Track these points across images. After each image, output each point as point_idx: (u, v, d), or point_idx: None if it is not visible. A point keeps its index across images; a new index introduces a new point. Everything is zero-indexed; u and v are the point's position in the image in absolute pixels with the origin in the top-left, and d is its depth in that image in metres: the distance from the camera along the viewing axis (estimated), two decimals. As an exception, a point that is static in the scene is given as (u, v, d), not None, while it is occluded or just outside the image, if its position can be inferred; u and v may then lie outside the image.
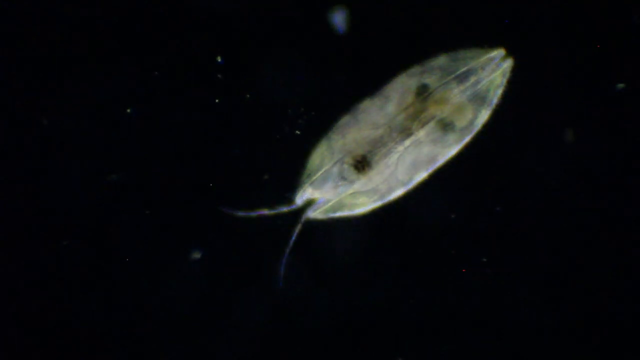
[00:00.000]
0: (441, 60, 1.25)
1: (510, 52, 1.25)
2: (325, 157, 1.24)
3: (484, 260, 1.33)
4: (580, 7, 1.33)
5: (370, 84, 1.27)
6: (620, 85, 1.32)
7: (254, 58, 1.33)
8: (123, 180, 1.32)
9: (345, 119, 1.25)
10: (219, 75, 1.32)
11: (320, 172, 1.24)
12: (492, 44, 1.25)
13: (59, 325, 1.33)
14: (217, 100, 1.32)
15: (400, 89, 1.23)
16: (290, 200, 1.26)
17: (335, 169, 1.23)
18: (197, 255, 1.32)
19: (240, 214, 1.25)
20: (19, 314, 1.33)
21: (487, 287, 1.33)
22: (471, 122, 1.23)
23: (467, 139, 1.24)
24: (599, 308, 1.33)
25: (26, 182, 1.32)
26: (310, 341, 1.34)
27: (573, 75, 1.33)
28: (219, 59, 1.32)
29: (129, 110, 1.31)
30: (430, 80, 1.23)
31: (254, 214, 1.25)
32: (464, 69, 1.23)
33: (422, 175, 1.24)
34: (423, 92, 1.22)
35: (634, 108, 1.32)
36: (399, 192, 1.24)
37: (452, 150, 1.23)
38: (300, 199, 1.25)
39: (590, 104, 1.33)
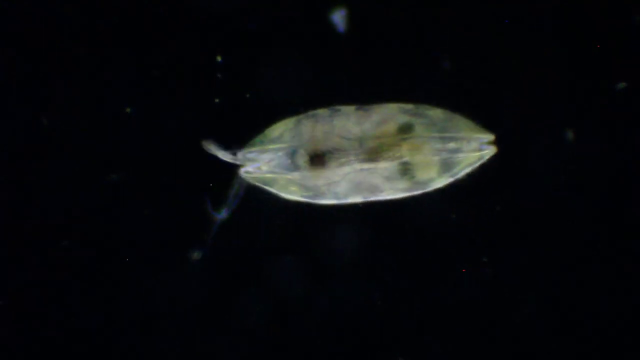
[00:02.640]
0: (438, 113, 1.25)
1: (498, 140, 1.26)
2: (286, 134, 1.24)
3: (484, 260, 1.33)
4: (580, 7, 1.33)
5: (369, 84, 1.27)
6: (622, 85, 1.32)
7: (253, 58, 1.33)
8: (123, 180, 1.32)
9: (323, 112, 1.25)
10: (219, 75, 1.32)
11: (276, 145, 1.24)
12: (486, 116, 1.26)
13: (59, 325, 1.33)
14: (216, 100, 1.32)
15: (387, 116, 1.24)
16: (234, 152, 1.25)
17: (291, 150, 1.23)
18: (197, 255, 1.32)
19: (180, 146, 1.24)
20: (19, 313, 1.33)
21: (487, 287, 1.33)
22: (428, 181, 1.24)
23: (415, 193, 1.24)
24: (599, 308, 1.33)
25: (26, 181, 1.32)
26: (309, 341, 1.34)
27: (573, 75, 1.33)
28: (219, 59, 1.32)
29: (128, 110, 1.31)
30: (418, 125, 1.23)
31: (197, 149, 1.24)
32: (452, 134, 1.24)
33: (356, 199, 1.24)
34: (406, 131, 1.23)
35: (634, 108, 1.32)
36: (328, 202, 1.24)
37: (395, 195, 1.24)
38: (242, 155, 1.25)
39: (590, 104, 1.33)
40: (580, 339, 1.34)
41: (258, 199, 1.27)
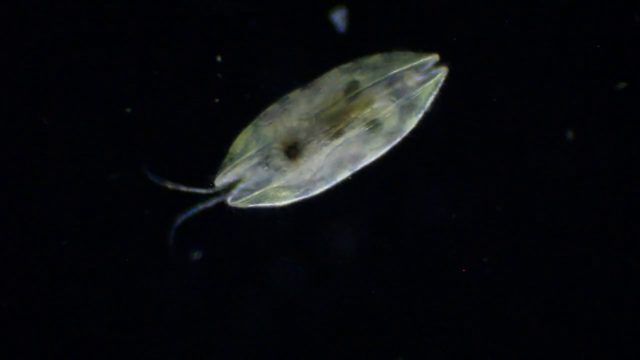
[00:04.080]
0: (375, 59, 1.24)
1: (445, 59, 1.24)
2: (250, 142, 1.23)
3: (485, 260, 1.33)
4: (580, 7, 1.33)
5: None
6: (622, 85, 1.32)
7: (253, 58, 1.33)
8: (123, 179, 1.32)
9: (273, 107, 1.24)
10: (219, 75, 1.32)
11: (244, 157, 1.23)
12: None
13: (58, 325, 1.33)
14: (217, 100, 1.32)
15: (331, 83, 1.23)
16: (210, 182, 1.24)
17: (261, 156, 1.23)
18: (197, 255, 1.32)
19: (155, 181, 1.23)
20: (19, 313, 1.33)
21: (487, 287, 1.33)
22: (399, 127, 1.23)
23: (395, 142, 1.23)
24: (599, 307, 1.33)
25: (26, 181, 1.32)
26: (309, 341, 1.34)
27: (573, 75, 1.33)
28: (219, 59, 1.32)
29: (128, 110, 1.31)
30: (361, 78, 1.23)
31: (170, 185, 1.23)
32: (396, 70, 1.23)
33: (345, 174, 1.23)
34: (352, 89, 1.22)
35: (635, 108, 1.33)
36: (321, 188, 1.23)
37: (379, 153, 1.23)
38: (220, 182, 1.24)
39: (590, 104, 1.33)
40: (580, 339, 1.34)
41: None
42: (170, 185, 1.23)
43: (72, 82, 1.32)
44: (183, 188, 1.23)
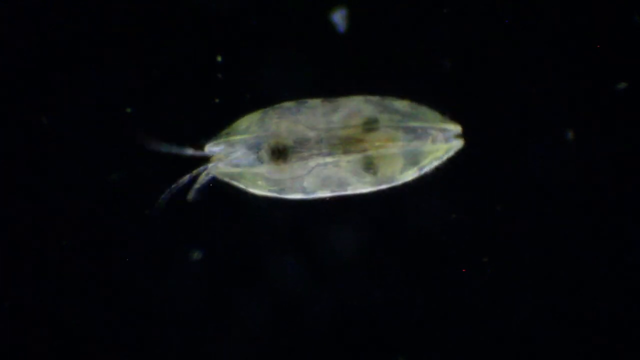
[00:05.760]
0: (403, 105, 1.25)
1: (465, 132, 1.25)
2: (253, 125, 1.24)
3: (485, 260, 1.33)
4: (579, 7, 1.33)
5: (368, 83, 1.28)
6: (622, 85, 1.32)
7: (253, 58, 1.33)
8: (123, 179, 1.32)
9: (288, 104, 1.25)
10: (219, 75, 1.32)
11: (241, 136, 1.24)
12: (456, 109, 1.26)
13: (59, 324, 1.33)
14: (217, 100, 1.32)
15: (352, 108, 1.24)
16: (201, 145, 1.25)
17: (255, 142, 1.23)
18: (197, 255, 1.32)
19: (148, 142, 1.24)
20: (20, 313, 1.33)
21: (487, 287, 1.33)
22: (393, 175, 1.23)
23: (383, 187, 1.24)
24: (599, 307, 1.33)
25: (26, 181, 1.32)
26: (309, 340, 1.34)
27: (573, 75, 1.33)
28: (219, 59, 1.32)
29: (129, 110, 1.31)
30: (383, 117, 1.24)
31: (159, 145, 1.24)
32: (417, 124, 1.24)
33: (325, 194, 1.24)
34: (371, 123, 1.23)
35: (635, 108, 1.33)
36: (296, 197, 1.24)
37: (363, 189, 1.24)
38: (209, 148, 1.25)
39: (590, 104, 1.33)
40: (579, 339, 1.34)
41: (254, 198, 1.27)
42: (161, 145, 1.24)
43: (72, 82, 1.32)
44: (174, 148, 1.24)
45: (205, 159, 1.26)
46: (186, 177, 1.25)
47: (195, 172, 1.25)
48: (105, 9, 1.32)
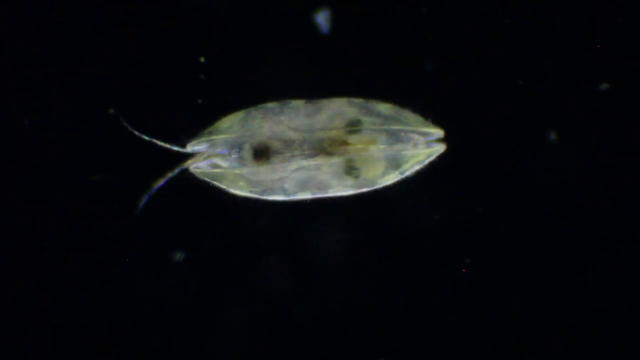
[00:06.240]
0: (386, 108, 1.25)
1: (447, 138, 1.25)
2: (235, 125, 1.24)
3: (467, 261, 1.33)
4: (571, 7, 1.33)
5: (357, 84, 1.28)
6: (604, 85, 1.32)
7: (236, 59, 1.33)
8: (107, 180, 1.31)
9: (272, 105, 1.25)
10: (202, 76, 1.32)
11: (223, 136, 1.24)
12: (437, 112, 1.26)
13: (50, 324, 1.33)
14: (199, 101, 1.32)
15: (335, 110, 1.24)
16: (182, 142, 1.25)
17: (238, 142, 1.23)
18: (179, 256, 1.32)
19: (134, 131, 1.25)
20: (14, 313, 1.33)
21: (473, 288, 1.34)
22: (375, 179, 1.24)
23: (364, 190, 1.24)
24: (595, 308, 1.34)
25: (14, 182, 1.32)
26: (293, 341, 1.34)
27: (565, 75, 1.33)
28: (202, 60, 1.32)
29: (111, 111, 1.31)
30: (365, 120, 1.23)
31: (143, 137, 1.25)
32: (399, 127, 1.24)
33: (306, 196, 1.24)
34: (353, 125, 1.23)
35: (631, 108, 1.33)
36: (277, 198, 1.24)
37: (344, 192, 1.24)
38: (191, 147, 1.25)
39: (581, 104, 1.33)
40: (574, 339, 1.34)
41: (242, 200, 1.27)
42: (144, 137, 1.25)
43: (60, 82, 1.31)
44: (157, 142, 1.25)
45: (187, 158, 1.25)
46: (166, 177, 1.25)
47: (175, 171, 1.25)
48: (94, 9, 1.32)
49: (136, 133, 1.25)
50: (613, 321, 1.33)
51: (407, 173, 1.25)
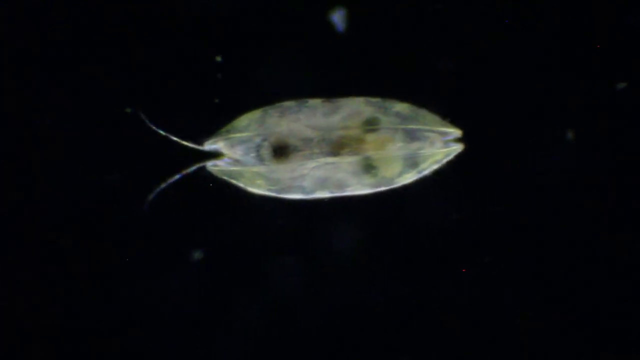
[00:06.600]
0: (403, 107, 1.25)
1: (465, 137, 1.25)
2: (253, 124, 1.24)
3: (486, 260, 1.33)
4: (579, 7, 1.33)
5: (367, 84, 1.28)
6: (622, 85, 1.32)
7: (254, 58, 1.33)
8: (122, 179, 1.32)
9: (289, 104, 1.25)
10: (219, 75, 1.33)
11: (241, 134, 1.24)
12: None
13: (58, 325, 1.33)
14: (216, 100, 1.32)
15: (352, 109, 1.24)
16: (200, 141, 1.26)
17: (256, 141, 1.23)
18: (198, 255, 1.32)
19: (152, 126, 1.25)
20: (22, 314, 1.33)
21: (488, 287, 1.33)
22: (393, 177, 1.23)
23: (382, 189, 1.24)
24: (600, 308, 1.33)
25: (34, 181, 1.33)
26: (308, 340, 1.34)
27: (586, 74, 1.33)
28: (218, 59, 1.33)
29: (128, 110, 1.31)
30: (383, 119, 1.23)
31: (161, 132, 1.25)
32: (417, 127, 1.24)
33: (324, 194, 1.24)
34: (371, 124, 1.23)
35: (634, 108, 1.32)
36: (295, 197, 1.24)
37: (363, 191, 1.24)
38: (208, 145, 1.25)
39: (590, 104, 1.33)
40: (581, 339, 1.33)
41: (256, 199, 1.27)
42: (162, 133, 1.25)
43: (80, 81, 1.32)
44: (174, 138, 1.25)
45: (205, 157, 1.25)
46: (181, 174, 1.25)
47: (191, 168, 1.25)
48: (105, 9, 1.32)
49: (154, 128, 1.26)
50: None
51: (425, 172, 1.24)
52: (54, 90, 1.33)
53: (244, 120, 1.25)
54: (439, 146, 1.24)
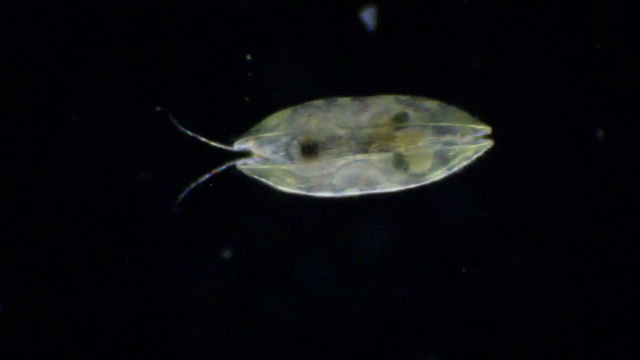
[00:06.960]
0: (433, 104, 1.25)
1: (495, 133, 1.25)
2: (282, 123, 1.24)
3: (516, 259, 1.33)
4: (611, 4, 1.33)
5: (403, 81, 1.28)
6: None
7: (283, 57, 1.33)
8: (153, 177, 1.32)
9: (319, 103, 1.25)
10: (249, 74, 1.33)
11: (270, 134, 1.24)
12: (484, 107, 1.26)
13: (85, 324, 1.33)
14: (246, 99, 1.32)
15: (382, 106, 1.24)
16: (230, 141, 1.26)
17: (285, 140, 1.23)
18: (228, 254, 1.33)
19: (181, 128, 1.25)
20: (36, 312, 1.33)
21: (523, 285, 1.33)
22: (423, 174, 1.23)
23: (412, 186, 1.24)
24: (608, 309, 1.33)
25: (58, 177, 1.33)
26: (337, 338, 1.34)
27: (613, 71, 1.33)
28: (249, 58, 1.33)
29: (158, 109, 1.31)
30: (413, 115, 1.23)
31: (189, 133, 1.26)
32: (447, 124, 1.24)
33: (354, 192, 1.24)
34: (401, 120, 1.22)
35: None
36: (325, 194, 1.24)
37: (393, 188, 1.24)
38: (238, 145, 1.26)
39: (630, 101, 1.33)
40: (583, 340, 1.33)
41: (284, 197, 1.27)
42: (190, 134, 1.25)
43: (108, 81, 1.32)
44: (202, 139, 1.26)
45: (235, 156, 1.26)
46: (211, 173, 1.25)
47: (222, 168, 1.25)
48: (136, 8, 1.33)
49: (182, 129, 1.26)
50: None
51: (455, 169, 1.24)
52: (84, 90, 1.33)
53: (274, 119, 1.26)
54: (470, 140, 1.24)
